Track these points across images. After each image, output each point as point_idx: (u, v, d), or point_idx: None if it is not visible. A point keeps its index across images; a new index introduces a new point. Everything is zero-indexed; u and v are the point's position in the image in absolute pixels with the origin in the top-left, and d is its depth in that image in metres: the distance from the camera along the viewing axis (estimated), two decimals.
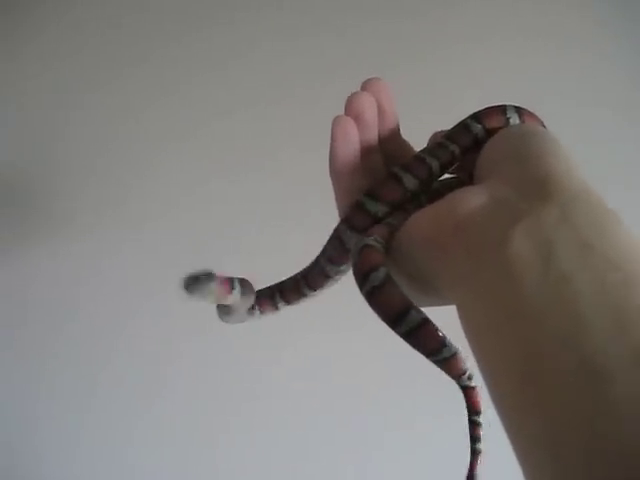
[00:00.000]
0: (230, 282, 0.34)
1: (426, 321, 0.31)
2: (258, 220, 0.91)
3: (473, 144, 0.36)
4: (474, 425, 0.34)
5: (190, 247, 0.91)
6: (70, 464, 0.95)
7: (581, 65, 0.91)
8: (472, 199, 0.29)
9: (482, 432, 0.34)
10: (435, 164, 0.36)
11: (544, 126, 0.37)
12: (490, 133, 0.36)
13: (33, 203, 0.97)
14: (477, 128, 0.37)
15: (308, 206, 0.74)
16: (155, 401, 0.94)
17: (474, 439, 0.34)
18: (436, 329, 0.31)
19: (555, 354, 0.23)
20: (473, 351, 0.27)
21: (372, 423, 0.92)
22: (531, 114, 0.37)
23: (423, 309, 0.32)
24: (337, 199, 0.38)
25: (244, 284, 0.37)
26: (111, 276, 0.95)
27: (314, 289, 0.41)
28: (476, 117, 0.37)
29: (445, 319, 0.32)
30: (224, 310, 0.41)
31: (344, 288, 0.40)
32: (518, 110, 0.37)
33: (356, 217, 0.36)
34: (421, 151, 0.38)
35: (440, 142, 0.37)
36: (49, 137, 0.96)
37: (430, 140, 0.40)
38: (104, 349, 0.94)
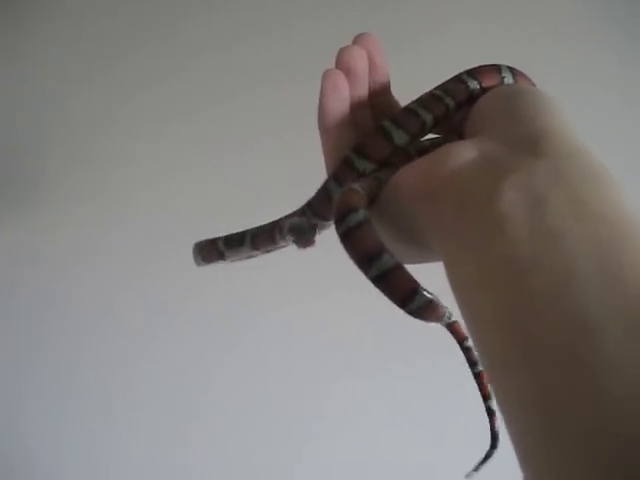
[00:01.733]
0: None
1: (398, 266, 0.29)
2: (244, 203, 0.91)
3: (468, 100, 0.35)
4: (468, 352, 0.35)
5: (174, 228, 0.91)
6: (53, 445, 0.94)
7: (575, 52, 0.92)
8: (463, 153, 0.29)
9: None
10: (428, 118, 0.35)
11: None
12: (485, 91, 0.35)
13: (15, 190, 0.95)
14: (474, 84, 0.35)
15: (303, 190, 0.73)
16: (135, 382, 0.94)
17: (472, 364, 0.35)
18: (409, 275, 0.29)
19: (546, 308, 0.22)
20: (460, 306, 0.27)
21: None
22: (524, 75, 0.37)
23: (410, 266, 0.31)
24: (325, 154, 0.37)
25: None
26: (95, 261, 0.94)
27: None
28: (472, 73, 0.36)
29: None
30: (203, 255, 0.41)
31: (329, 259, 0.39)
32: (512, 70, 0.36)
33: (344, 174, 0.35)
34: (413, 102, 0.36)
35: (434, 93, 0.36)
36: (33, 123, 0.96)
37: None
38: (87, 335, 0.94)
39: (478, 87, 0.35)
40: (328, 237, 0.36)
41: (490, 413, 0.36)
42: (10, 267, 0.95)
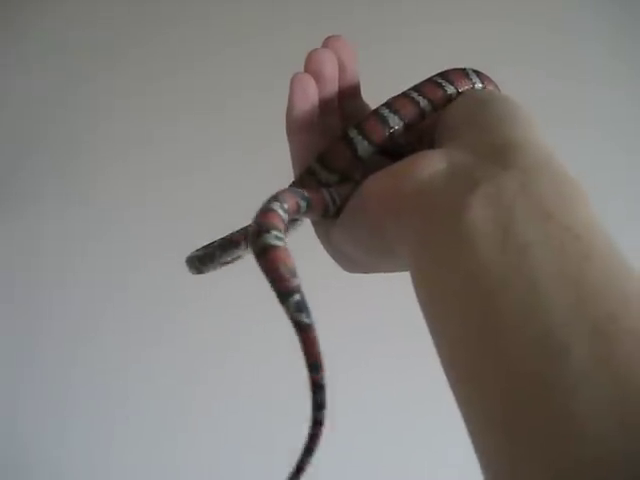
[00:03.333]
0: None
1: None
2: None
3: (444, 104, 0.34)
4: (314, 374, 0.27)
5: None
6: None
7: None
8: (431, 164, 0.28)
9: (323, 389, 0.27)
10: (399, 125, 0.34)
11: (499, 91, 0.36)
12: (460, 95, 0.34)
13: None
14: (450, 88, 0.34)
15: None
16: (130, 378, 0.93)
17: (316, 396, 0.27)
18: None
19: (513, 328, 0.22)
20: (426, 319, 0.26)
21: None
22: (490, 79, 0.36)
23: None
24: (293, 158, 0.37)
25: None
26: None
27: None
28: (445, 76, 0.35)
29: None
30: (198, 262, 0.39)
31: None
32: (478, 74, 0.36)
33: (307, 183, 0.35)
34: (383, 106, 0.34)
35: (408, 95, 0.34)
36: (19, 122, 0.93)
37: None
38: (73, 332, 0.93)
39: (455, 91, 0.34)
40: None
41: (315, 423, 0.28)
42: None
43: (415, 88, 0.35)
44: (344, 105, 0.37)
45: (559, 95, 0.90)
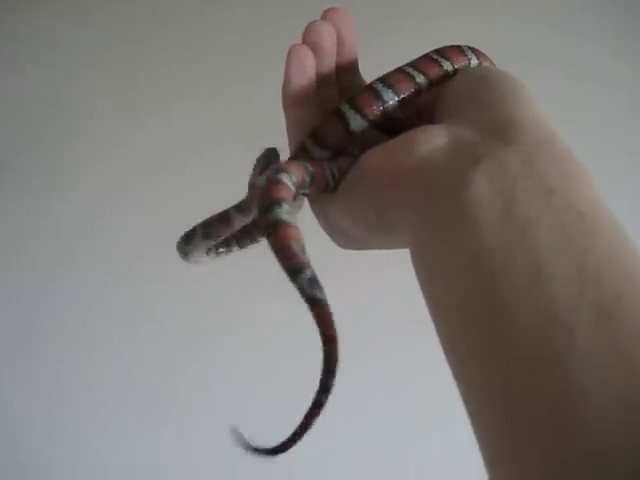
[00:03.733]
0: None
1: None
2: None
3: (441, 81, 0.33)
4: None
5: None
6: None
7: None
8: (432, 139, 0.28)
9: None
10: (393, 100, 0.33)
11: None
12: (456, 72, 0.33)
13: None
14: (447, 64, 0.33)
15: None
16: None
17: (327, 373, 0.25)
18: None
19: (516, 303, 0.21)
20: (426, 296, 0.26)
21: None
22: (486, 55, 0.35)
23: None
24: (288, 133, 0.36)
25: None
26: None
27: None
28: (442, 53, 0.34)
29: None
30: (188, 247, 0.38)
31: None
32: (474, 50, 0.35)
33: (300, 159, 0.34)
34: (378, 80, 0.33)
35: (403, 70, 0.33)
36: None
37: None
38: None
39: (451, 67, 0.33)
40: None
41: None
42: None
43: (410, 64, 0.34)
44: (341, 80, 0.36)
45: (562, 95, 0.90)
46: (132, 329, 0.93)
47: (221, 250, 0.40)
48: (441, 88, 0.32)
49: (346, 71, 0.36)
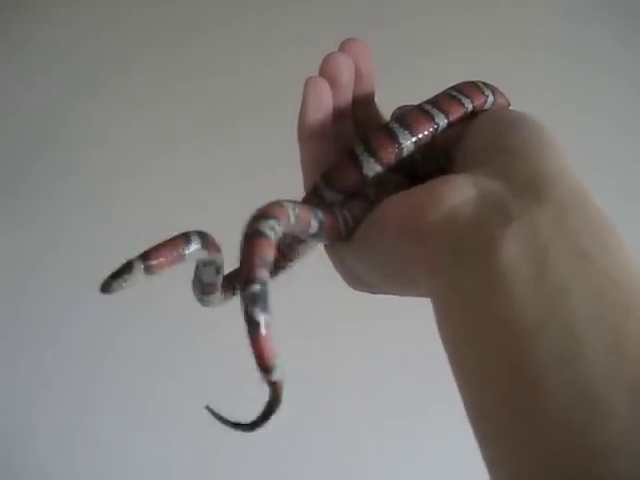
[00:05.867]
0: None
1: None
2: None
3: (460, 121, 0.32)
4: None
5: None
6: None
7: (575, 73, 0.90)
8: (458, 192, 0.27)
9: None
10: (409, 142, 0.31)
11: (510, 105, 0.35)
12: (475, 112, 0.32)
13: None
14: (467, 102, 0.32)
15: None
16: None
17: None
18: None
19: (548, 377, 0.21)
20: (451, 362, 0.25)
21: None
22: (499, 90, 0.35)
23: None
24: (303, 166, 0.35)
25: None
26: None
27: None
28: (461, 90, 0.33)
29: None
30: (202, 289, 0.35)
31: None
32: (487, 86, 0.34)
33: (312, 204, 0.32)
34: (394, 120, 0.32)
35: (423, 109, 0.32)
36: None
37: (394, 116, 0.35)
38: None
39: (471, 106, 0.32)
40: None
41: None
42: None
43: (430, 101, 0.33)
44: (356, 111, 0.35)
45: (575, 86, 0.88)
46: (124, 325, 0.92)
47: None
48: (463, 129, 0.32)
49: (362, 103, 0.35)
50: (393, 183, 0.32)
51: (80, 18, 0.93)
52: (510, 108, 0.34)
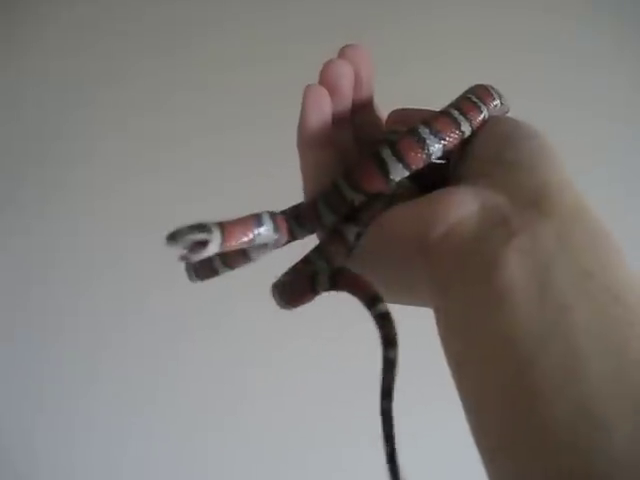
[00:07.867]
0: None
1: None
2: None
3: (480, 128, 0.31)
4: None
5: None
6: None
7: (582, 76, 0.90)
8: (462, 205, 0.27)
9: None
10: (436, 148, 0.30)
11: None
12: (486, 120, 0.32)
13: None
14: (484, 108, 0.31)
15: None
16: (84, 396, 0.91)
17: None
18: None
19: (551, 394, 0.21)
20: (454, 377, 0.25)
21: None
22: (505, 98, 0.34)
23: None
24: (303, 173, 0.34)
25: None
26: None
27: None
28: (478, 95, 0.32)
29: None
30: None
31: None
32: (498, 93, 0.33)
33: (331, 199, 0.32)
34: (422, 124, 0.31)
35: (449, 113, 0.31)
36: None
37: (390, 120, 0.35)
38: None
39: (487, 112, 0.32)
40: None
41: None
42: None
43: (454, 106, 0.32)
44: (356, 118, 0.35)
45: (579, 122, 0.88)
46: (121, 324, 0.91)
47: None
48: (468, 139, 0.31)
49: (361, 109, 0.35)
50: (407, 188, 0.32)
51: (71, 34, 0.93)
52: (512, 117, 0.33)
